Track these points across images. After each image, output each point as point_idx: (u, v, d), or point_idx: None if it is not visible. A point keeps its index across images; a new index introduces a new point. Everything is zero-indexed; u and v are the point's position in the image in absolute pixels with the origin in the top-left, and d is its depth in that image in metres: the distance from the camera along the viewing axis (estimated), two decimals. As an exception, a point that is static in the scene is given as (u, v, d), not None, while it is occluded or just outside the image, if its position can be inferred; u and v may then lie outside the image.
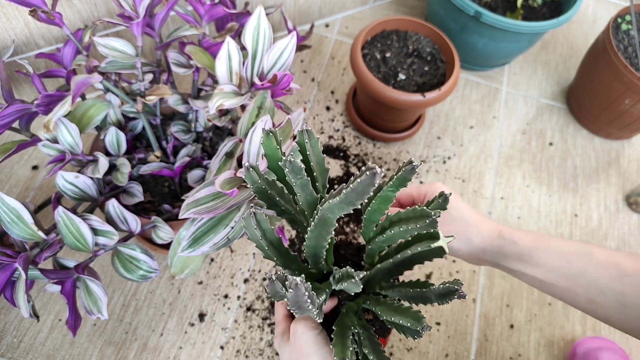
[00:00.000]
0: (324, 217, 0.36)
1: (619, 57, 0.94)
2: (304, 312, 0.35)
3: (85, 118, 0.64)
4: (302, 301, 0.33)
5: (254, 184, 0.41)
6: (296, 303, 0.33)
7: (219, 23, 0.76)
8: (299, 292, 0.32)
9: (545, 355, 0.84)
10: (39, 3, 0.58)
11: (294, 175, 0.37)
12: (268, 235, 0.40)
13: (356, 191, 0.32)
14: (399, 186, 0.39)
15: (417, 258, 0.39)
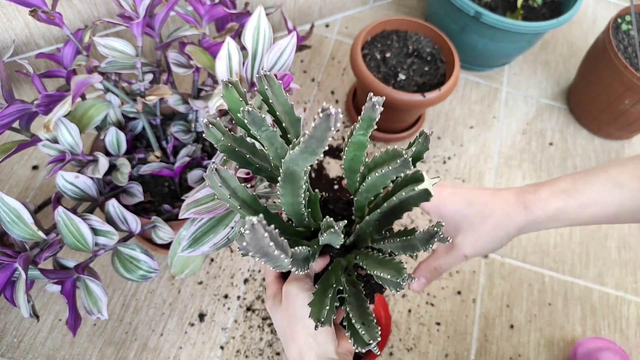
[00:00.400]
0: (289, 171, 0.34)
1: (619, 57, 0.94)
2: (275, 261, 0.30)
3: (85, 118, 0.64)
4: (265, 245, 0.28)
5: (217, 142, 0.38)
6: (259, 249, 0.28)
7: (219, 23, 0.76)
8: (257, 233, 0.27)
9: (545, 355, 0.84)
10: (39, 3, 0.58)
11: (256, 126, 0.34)
12: (239, 193, 0.37)
13: (315, 137, 0.29)
14: (367, 128, 0.36)
15: (404, 205, 0.37)
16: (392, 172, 0.34)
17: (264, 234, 0.27)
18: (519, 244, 0.94)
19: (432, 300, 0.86)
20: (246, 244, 0.27)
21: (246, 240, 0.27)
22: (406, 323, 0.84)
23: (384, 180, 0.36)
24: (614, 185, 0.41)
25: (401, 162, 0.33)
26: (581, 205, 0.41)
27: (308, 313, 0.37)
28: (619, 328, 0.87)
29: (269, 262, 0.31)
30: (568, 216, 0.41)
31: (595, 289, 0.91)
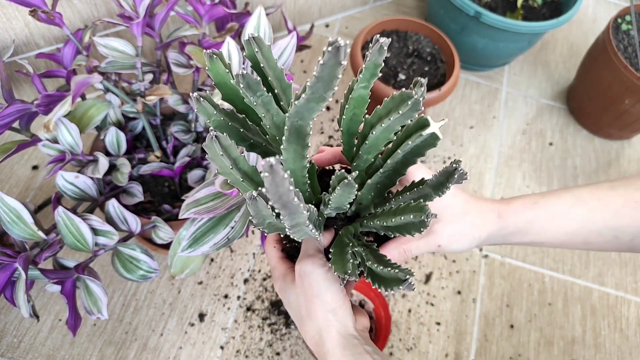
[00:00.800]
0: (294, 127, 0.31)
1: (619, 57, 0.94)
2: (294, 213, 0.28)
3: (85, 118, 0.64)
4: (285, 189, 0.25)
5: (210, 117, 0.36)
6: (279, 196, 0.25)
7: (219, 23, 0.76)
8: (277, 175, 0.24)
9: (545, 355, 0.84)
10: (39, 3, 0.58)
11: (251, 92, 0.32)
12: (240, 164, 0.34)
13: (322, 79, 0.26)
14: (370, 78, 0.33)
15: (410, 157, 0.35)
16: (401, 119, 0.31)
17: (284, 176, 0.24)
18: (519, 244, 0.94)
19: (432, 300, 0.86)
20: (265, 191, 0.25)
21: (265, 185, 0.24)
22: (406, 323, 0.84)
23: (388, 134, 0.34)
24: (578, 201, 0.43)
25: (412, 103, 0.30)
26: (549, 218, 0.43)
27: (325, 290, 0.36)
28: (619, 328, 0.87)
29: (287, 217, 0.28)
30: (534, 229, 0.43)
31: (595, 289, 0.91)
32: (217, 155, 0.32)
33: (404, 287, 0.32)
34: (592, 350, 0.85)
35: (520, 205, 0.44)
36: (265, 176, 0.24)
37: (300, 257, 0.38)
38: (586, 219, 0.43)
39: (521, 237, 0.44)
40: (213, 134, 0.31)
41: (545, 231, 0.43)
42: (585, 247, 0.45)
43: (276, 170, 0.24)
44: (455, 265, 0.90)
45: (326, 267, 0.37)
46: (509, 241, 0.45)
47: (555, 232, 0.43)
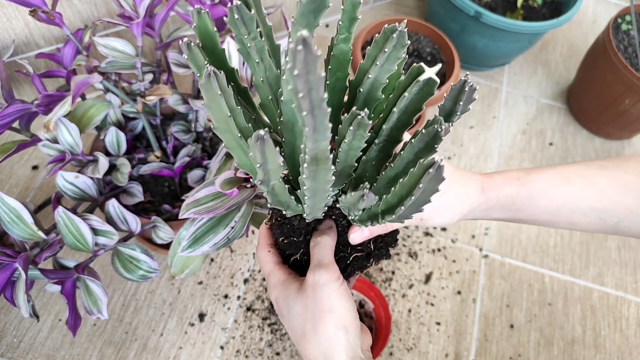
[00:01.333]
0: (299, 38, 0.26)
1: (619, 57, 0.94)
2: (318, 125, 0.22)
3: (85, 118, 0.64)
4: (316, 79, 0.20)
5: (200, 70, 0.31)
6: (308, 88, 0.20)
7: (219, 23, 0.76)
8: (310, 54, 0.19)
9: (545, 355, 0.84)
10: (39, 3, 0.58)
11: (245, 29, 0.28)
12: (237, 118, 0.30)
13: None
14: (350, 25, 0.30)
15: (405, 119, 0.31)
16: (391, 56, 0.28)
17: (317, 53, 0.19)
18: (519, 244, 0.94)
19: (432, 300, 0.86)
20: (297, 62, 0.19)
21: (294, 64, 0.19)
22: (406, 323, 0.84)
23: (382, 78, 0.30)
24: (562, 180, 0.42)
25: (398, 35, 0.27)
26: (530, 195, 0.42)
27: (339, 305, 0.33)
28: (619, 328, 0.87)
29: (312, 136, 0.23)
30: (516, 205, 0.42)
31: (595, 289, 0.91)
32: (215, 97, 0.27)
33: (432, 173, 0.25)
34: (592, 350, 0.85)
35: (502, 180, 0.43)
36: (297, 50, 0.18)
37: (314, 266, 0.35)
38: (569, 199, 0.41)
39: (502, 213, 0.43)
40: (211, 69, 0.26)
41: (528, 208, 0.42)
42: (570, 227, 0.44)
43: (309, 45, 0.18)
44: (455, 265, 0.90)
45: (341, 280, 0.34)
46: (490, 216, 0.43)
47: (537, 210, 0.42)
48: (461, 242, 0.93)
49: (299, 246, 0.39)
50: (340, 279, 0.34)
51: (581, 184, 0.41)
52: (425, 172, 0.25)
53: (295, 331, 0.36)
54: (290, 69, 0.19)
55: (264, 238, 0.42)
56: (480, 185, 0.42)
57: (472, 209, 0.42)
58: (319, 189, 0.28)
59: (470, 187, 0.41)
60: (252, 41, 0.29)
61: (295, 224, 0.39)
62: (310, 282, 0.34)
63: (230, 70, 0.33)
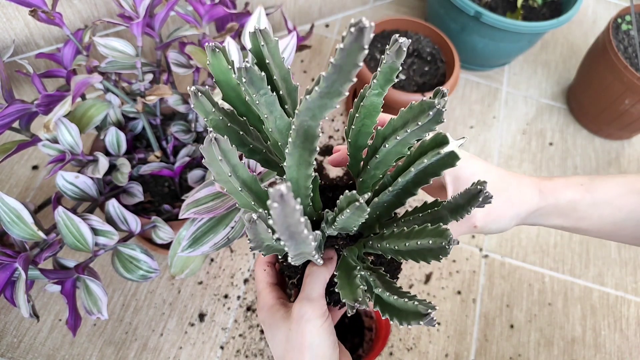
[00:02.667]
0: (303, 127, 0.27)
1: (619, 57, 0.94)
2: (301, 243, 0.25)
3: (85, 118, 0.64)
4: (295, 220, 0.22)
5: (207, 116, 0.32)
6: (287, 226, 0.23)
7: (219, 23, 0.76)
8: (288, 206, 0.21)
9: (545, 355, 0.84)
10: (39, 3, 0.58)
11: (254, 89, 0.29)
12: (239, 172, 0.31)
13: (340, 68, 0.23)
14: (385, 84, 0.31)
15: (422, 177, 0.31)
16: (418, 131, 0.28)
17: (296, 207, 0.21)
18: (519, 243, 0.94)
19: (432, 300, 0.86)
20: (273, 222, 0.22)
21: (273, 215, 0.21)
22: (406, 323, 0.84)
23: (402, 148, 0.31)
24: (629, 190, 0.40)
25: (434, 113, 0.27)
26: (594, 203, 0.40)
27: (320, 343, 0.33)
28: (619, 328, 0.87)
29: (292, 247, 0.25)
30: (578, 212, 0.40)
31: (595, 289, 0.91)
32: (215, 160, 0.29)
33: (424, 322, 0.28)
34: (592, 350, 0.85)
35: (564, 185, 0.40)
36: (273, 207, 0.21)
37: (301, 298, 0.35)
38: (636, 210, 0.39)
39: (562, 220, 0.40)
40: (212, 135, 0.28)
41: (591, 217, 0.40)
42: (635, 242, 0.41)
43: (287, 201, 0.21)
44: (455, 265, 0.90)
45: (325, 316, 0.34)
46: (548, 222, 0.41)
47: (601, 221, 0.40)
48: (461, 242, 0.93)
49: (296, 271, 0.39)
50: (325, 315, 0.34)
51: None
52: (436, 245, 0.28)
53: (277, 357, 0.36)
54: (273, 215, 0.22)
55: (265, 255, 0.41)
56: (537, 188, 0.40)
57: (529, 213, 0.40)
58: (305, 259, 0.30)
59: (526, 190, 0.39)
60: (261, 97, 0.30)
61: None
62: (295, 315, 0.34)
63: (243, 104, 0.34)
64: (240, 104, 0.35)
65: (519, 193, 0.39)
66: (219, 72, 0.32)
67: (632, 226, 0.40)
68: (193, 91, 0.31)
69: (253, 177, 0.32)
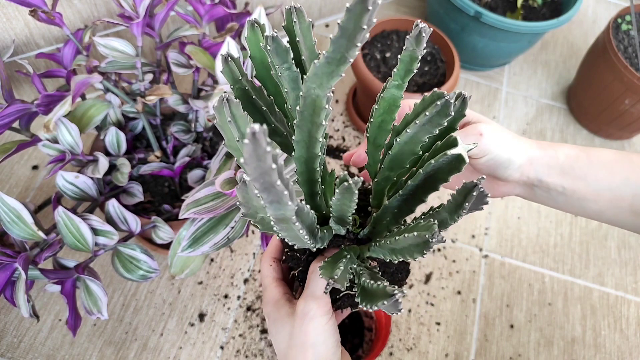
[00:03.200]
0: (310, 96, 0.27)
1: (619, 57, 0.94)
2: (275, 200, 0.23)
3: (85, 118, 0.64)
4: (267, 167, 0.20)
5: (234, 84, 0.32)
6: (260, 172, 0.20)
7: (219, 23, 0.76)
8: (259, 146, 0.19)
9: (545, 355, 0.84)
10: (39, 3, 0.58)
11: (278, 59, 0.29)
12: None
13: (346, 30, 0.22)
14: (405, 75, 0.30)
15: (431, 182, 0.31)
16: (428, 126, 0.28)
17: (266, 148, 0.20)
18: (519, 243, 0.94)
19: (432, 300, 0.86)
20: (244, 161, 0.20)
21: (244, 154, 0.20)
22: (406, 323, 0.84)
23: (414, 146, 0.31)
24: (623, 158, 0.40)
25: (442, 104, 0.27)
26: (590, 162, 0.40)
27: (323, 341, 0.33)
28: (619, 328, 0.87)
29: (269, 205, 0.24)
30: (575, 170, 0.40)
31: (595, 289, 0.91)
32: (225, 122, 0.28)
33: (388, 303, 0.28)
34: (592, 350, 0.85)
35: (561, 144, 0.41)
36: (245, 144, 0.19)
37: (306, 295, 0.35)
38: (631, 178, 0.39)
39: (561, 179, 0.40)
40: (225, 95, 0.28)
41: (587, 178, 0.40)
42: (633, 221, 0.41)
43: (258, 140, 0.19)
44: (455, 265, 0.90)
45: (329, 314, 0.34)
46: (550, 178, 0.40)
47: (597, 184, 0.40)
48: (461, 242, 0.93)
49: (298, 263, 0.39)
50: (329, 314, 0.34)
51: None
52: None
53: (279, 353, 0.36)
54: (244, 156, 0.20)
55: (270, 251, 0.41)
56: (535, 144, 0.41)
57: (532, 157, 0.40)
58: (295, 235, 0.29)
59: (525, 140, 0.40)
60: (285, 71, 0.29)
61: None
62: (300, 312, 0.34)
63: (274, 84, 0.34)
64: (270, 83, 0.34)
65: (519, 138, 0.40)
66: (255, 48, 0.32)
67: (629, 196, 0.40)
68: (223, 55, 0.30)
69: None
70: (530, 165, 0.40)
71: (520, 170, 0.41)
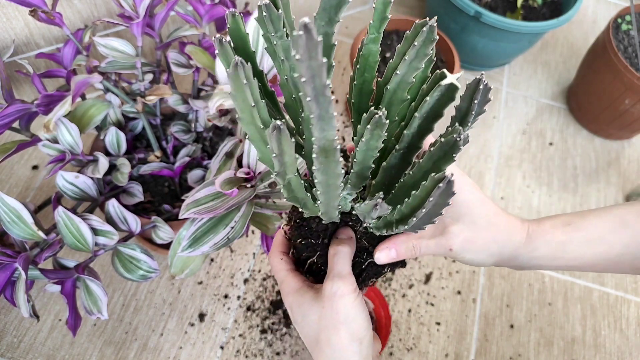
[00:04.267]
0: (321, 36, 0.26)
1: (619, 57, 0.94)
2: (324, 115, 0.22)
3: (85, 118, 0.64)
4: (318, 66, 0.19)
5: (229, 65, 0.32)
6: (311, 75, 0.20)
7: (219, 23, 0.76)
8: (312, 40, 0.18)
9: (545, 355, 0.84)
10: (39, 3, 0.58)
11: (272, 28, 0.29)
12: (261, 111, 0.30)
13: None
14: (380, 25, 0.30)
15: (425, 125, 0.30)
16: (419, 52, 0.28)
17: (318, 38, 0.19)
18: (519, 244, 0.94)
19: (432, 300, 0.86)
20: (299, 48, 0.19)
21: (298, 50, 0.19)
22: (406, 323, 0.84)
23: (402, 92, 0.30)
24: (620, 225, 0.39)
25: (427, 29, 0.28)
26: (586, 241, 0.39)
27: (354, 317, 0.34)
28: (619, 328, 0.87)
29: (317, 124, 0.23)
30: (569, 254, 0.39)
31: (595, 289, 0.91)
32: (241, 85, 0.27)
33: (442, 188, 0.25)
34: (592, 350, 0.85)
35: (552, 226, 0.39)
36: (298, 36, 0.18)
37: (333, 276, 0.35)
38: (630, 245, 0.39)
39: (552, 262, 0.39)
40: (238, 59, 0.26)
41: (583, 256, 0.39)
42: (634, 272, 0.41)
43: (311, 31, 0.18)
44: (455, 265, 0.90)
45: (357, 292, 0.35)
46: (538, 265, 0.40)
47: (594, 258, 0.39)
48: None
49: (315, 249, 0.39)
50: (356, 291, 0.35)
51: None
52: (436, 186, 0.26)
53: (309, 339, 0.36)
54: (294, 55, 0.19)
55: (278, 245, 0.41)
56: (526, 231, 0.39)
57: (514, 255, 0.39)
58: (330, 183, 0.28)
59: (515, 232, 0.38)
60: (278, 39, 0.29)
61: (313, 227, 0.39)
62: (328, 293, 0.34)
63: (259, 72, 0.34)
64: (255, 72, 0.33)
65: (507, 233, 0.38)
66: (237, 37, 0.31)
67: (629, 260, 0.39)
68: (218, 38, 0.30)
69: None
70: (510, 260, 0.40)
71: (497, 264, 0.40)
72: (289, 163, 0.27)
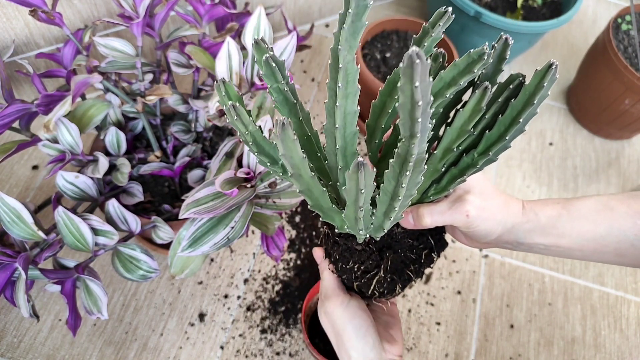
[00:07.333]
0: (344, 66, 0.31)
1: (619, 57, 0.94)
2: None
3: (85, 118, 0.64)
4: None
5: (273, 84, 0.35)
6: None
7: (219, 23, 0.76)
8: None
9: (545, 355, 0.84)
10: (39, 3, 0.58)
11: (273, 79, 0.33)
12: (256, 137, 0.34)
13: None
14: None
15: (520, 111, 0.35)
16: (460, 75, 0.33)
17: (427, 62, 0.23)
18: (519, 244, 0.94)
19: (432, 300, 0.86)
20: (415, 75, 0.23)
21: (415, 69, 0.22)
22: (406, 323, 0.84)
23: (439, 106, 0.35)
24: (604, 207, 0.42)
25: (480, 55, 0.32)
26: (571, 218, 0.42)
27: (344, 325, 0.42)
28: (619, 328, 0.87)
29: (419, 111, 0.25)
30: (557, 229, 0.42)
31: (595, 289, 0.91)
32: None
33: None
34: (592, 350, 0.85)
35: (543, 204, 0.43)
36: (415, 64, 0.22)
37: (320, 300, 0.42)
38: (614, 226, 0.41)
39: (544, 237, 0.42)
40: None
41: (570, 234, 0.42)
42: (619, 260, 0.43)
43: (423, 58, 0.22)
44: (455, 265, 0.90)
45: (344, 305, 0.42)
46: (533, 240, 0.43)
47: (581, 237, 0.42)
48: (461, 242, 0.93)
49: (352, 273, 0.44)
50: (343, 304, 0.42)
51: (625, 211, 0.41)
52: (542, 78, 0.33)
53: (333, 345, 0.44)
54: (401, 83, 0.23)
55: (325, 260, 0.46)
56: (521, 205, 0.43)
57: (514, 225, 0.42)
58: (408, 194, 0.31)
59: (512, 204, 0.42)
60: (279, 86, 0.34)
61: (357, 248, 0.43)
62: (323, 312, 0.43)
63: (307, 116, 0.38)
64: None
65: (506, 206, 0.42)
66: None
67: (613, 242, 0.42)
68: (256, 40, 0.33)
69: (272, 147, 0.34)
70: (509, 232, 0.43)
71: (499, 237, 0.43)
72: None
